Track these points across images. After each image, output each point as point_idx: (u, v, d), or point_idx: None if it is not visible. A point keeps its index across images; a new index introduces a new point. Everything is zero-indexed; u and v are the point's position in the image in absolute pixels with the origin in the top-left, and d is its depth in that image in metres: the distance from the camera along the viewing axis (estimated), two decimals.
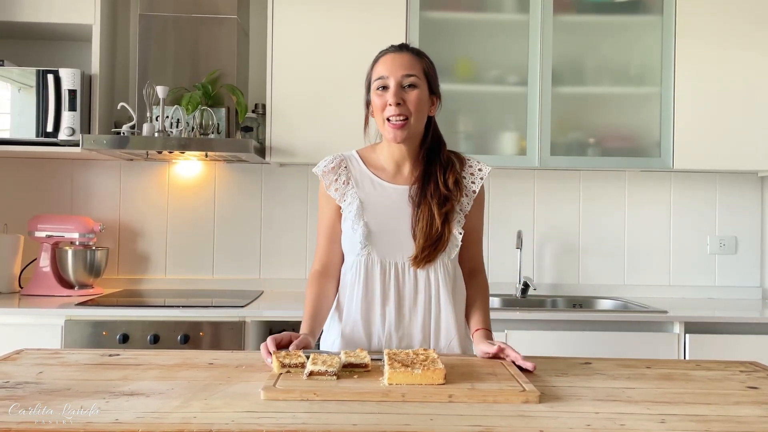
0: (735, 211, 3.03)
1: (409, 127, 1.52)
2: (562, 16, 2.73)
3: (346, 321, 1.57)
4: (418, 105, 1.52)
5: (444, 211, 1.53)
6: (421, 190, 1.55)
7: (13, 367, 1.33)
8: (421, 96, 1.52)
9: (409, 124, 1.51)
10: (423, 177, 1.56)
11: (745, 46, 2.71)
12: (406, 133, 1.52)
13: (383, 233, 1.54)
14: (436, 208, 1.52)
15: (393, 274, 1.54)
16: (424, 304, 1.55)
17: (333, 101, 2.67)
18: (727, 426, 1.04)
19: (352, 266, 1.57)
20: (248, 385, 1.21)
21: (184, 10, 2.71)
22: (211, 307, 2.43)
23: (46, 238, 2.70)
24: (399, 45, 1.58)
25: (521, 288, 2.88)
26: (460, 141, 2.75)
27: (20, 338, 2.18)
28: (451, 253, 1.56)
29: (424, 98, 1.54)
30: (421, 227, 1.52)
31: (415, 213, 1.54)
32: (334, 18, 2.69)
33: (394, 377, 1.19)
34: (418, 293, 1.55)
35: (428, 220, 1.52)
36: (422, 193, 1.54)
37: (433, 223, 1.51)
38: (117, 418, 1.01)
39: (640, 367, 1.42)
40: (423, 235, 1.51)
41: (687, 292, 2.99)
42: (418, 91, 1.52)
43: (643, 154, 2.76)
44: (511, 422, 1.03)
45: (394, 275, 1.54)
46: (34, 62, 2.86)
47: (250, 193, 2.99)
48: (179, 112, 2.60)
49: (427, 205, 1.52)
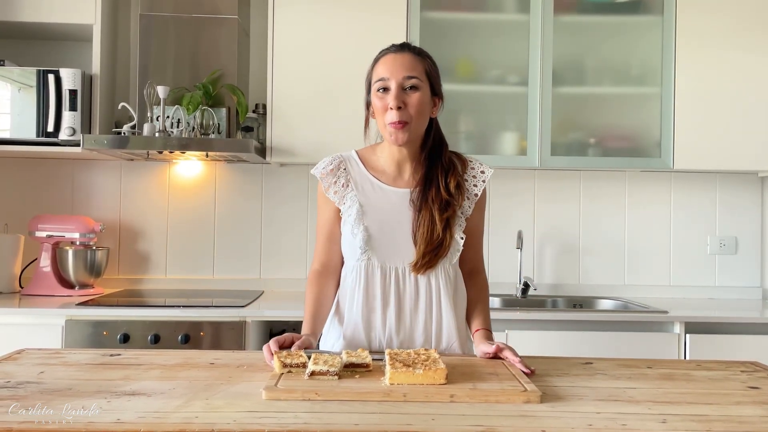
0: (735, 211, 3.03)
1: (410, 130, 1.48)
2: (562, 16, 2.73)
3: (346, 325, 1.56)
4: (420, 108, 1.48)
5: (445, 216, 1.50)
6: (423, 195, 1.52)
7: (14, 367, 1.33)
8: (422, 98, 1.49)
9: (410, 127, 1.48)
10: (424, 181, 1.53)
11: (746, 46, 2.71)
12: (407, 136, 1.48)
13: (383, 238, 1.52)
14: (437, 214, 1.49)
15: (393, 279, 1.52)
16: (425, 309, 1.53)
17: (333, 101, 2.67)
18: (729, 426, 1.04)
19: (352, 271, 1.55)
20: (250, 385, 1.21)
21: (185, 10, 2.71)
22: (211, 307, 2.43)
23: (46, 238, 2.70)
24: (400, 44, 1.54)
25: (521, 288, 2.88)
26: (460, 141, 2.75)
27: (20, 338, 2.18)
28: (452, 258, 1.54)
29: (426, 100, 1.50)
30: (422, 233, 1.49)
31: (416, 218, 1.51)
32: (334, 18, 2.69)
33: (396, 377, 1.19)
34: (418, 298, 1.53)
35: (429, 226, 1.49)
36: (423, 198, 1.51)
37: (434, 229, 1.49)
38: (118, 418, 1.01)
39: (641, 367, 1.42)
40: (424, 240, 1.49)
41: (687, 292, 2.99)
42: (420, 94, 1.48)
43: (643, 154, 2.76)
44: (513, 422, 1.03)
45: (394, 280, 1.53)
46: (34, 62, 2.86)
47: (251, 193, 2.99)
48: (180, 112, 2.60)
49: (428, 210, 1.50)
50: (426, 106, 1.51)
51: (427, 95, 1.51)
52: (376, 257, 1.52)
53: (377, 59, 1.54)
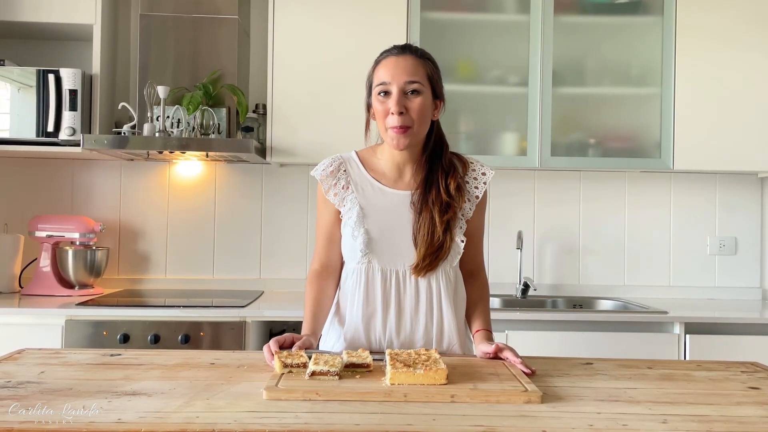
0: (735, 211, 3.03)
1: (412, 135, 1.47)
2: (562, 16, 2.73)
3: (347, 328, 1.55)
4: (422, 113, 1.47)
5: (446, 219, 1.49)
6: (423, 197, 1.51)
7: (14, 367, 1.33)
8: (424, 102, 1.47)
9: (412, 132, 1.47)
10: (425, 183, 1.52)
11: (746, 46, 2.71)
12: (409, 140, 1.47)
13: (384, 241, 1.51)
14: (437, 216, 1.48)
15: (394, 282, 1.52)
16: (425, 311, 1.53)
17: (334, 102, 2.67)
18: (729, 426, 1.04)
19: (353, 273, 1.55)
20: (250, 385, 1.21)
21: (185, 10, 2.71)
22: (211, 307, 2.43)
23: (46, 237, 2.70)
24: (402, 46, 1.52)
25: (521, 288, 2.88)
26: (460, 141, 2.75)
27: (20, 338, 2.17)
28: (453, 261, 1.53)
29: (428, 104, 1.49)
30: (422, 235, 1.48)
31: (417, 220, 1.50)
32: (335, 18, 2.69)
33: (396, 377, 1.19)
34: (419, 301, 1.53)
35: (429, 228, 1.48)
36: (424, 200, 1.50)
37: (434, 231, 1.48)
38: (119, 418, 1.00)
39: (642, 368, 1.42)
40: (424, 243, 1.48)
41: (687, 292, 2.99)
42: (422, 98, 1.47)
43: (643, 154, 2.76)
44: (514, 422, 1.03)
45: (394, 283, 1.52)
46: (34, 62, 2.85)
47: (251, 193, 2.99)
48: (180, 112, 2.60)
49: (428, 212, 1.49)
50: (427, 110, 1.49)
51: (429, 99, 1.49)
52: (376, 260, 1.52)
53: (378, 61, 1.52)
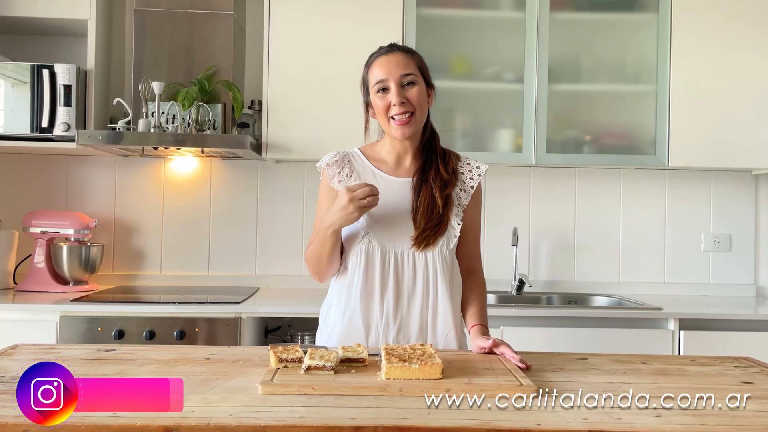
0: (729, 208, 3.04)
1: (415, 122, 1.57)
2: (558, 13, 2.73)
3: (345, 309, 1.59)
4: (420, 100, 1.57)
5: (445, 194, 1.57)
6: (423, 176, 1.59)
7: (9, 362, 1.32)
8: (420, 91, 1.58)
9: (415, 118, 1.57)
10: (423, 166, 1.61)
11: (741, 44, 2.72)
12: (413, 128, 1.57)
13: (384, 221, 1.57)
14: (437, 192, 1.57)
15: (392, 262, 1.57)
16: (422, 292, 1.57)
17: (329, 98, 2.67)
18: (722, 420, 1.04)
19: (353, 254, 1.59)
20: (246, 380, 1.21)
21: (180, 6, 2.71)
22: (206, 303, 2.43)
23: (40, 234, 2.69)
24: (388, 46, 1.62)
25: (517, 285, 2.88)
26: (456, 138, 2.75)
27: (15, 334, 2.17)
28: (450, 242, 1.59)
29: (424, 92, 1.59)
30: (422, 210, 1.56)
31: (417, 199, 1.58)
32: (330, 14, 2.69)
33: (392, 372, 1.19)
34: (416, 281, 1.57)
35: (429, 203, 1.56)
36: (424, 179, 1.59)
37: (435, 206, 1.56)
38: (114, 413, 1.00)
39: (636, 363, 1.43)
40: (424, 217, 1.56)
41: (681, 289, 3.01)
42: (418, 87, 1.57)
43: (638, 151, 2.76)
44: (509, 416, 1.03)
45: (393, 263, 1.57)
46: (29, 57, 2.84)
47: (246, 189, 2.98)
48: (175, 108, 2.60)
49: (428, 189, 1.57)
50: (424, 97, 1.60)
51: (424, 88, 1.60)
52: (376, 240, 1.57)
53: (370, 63, 1.61)
